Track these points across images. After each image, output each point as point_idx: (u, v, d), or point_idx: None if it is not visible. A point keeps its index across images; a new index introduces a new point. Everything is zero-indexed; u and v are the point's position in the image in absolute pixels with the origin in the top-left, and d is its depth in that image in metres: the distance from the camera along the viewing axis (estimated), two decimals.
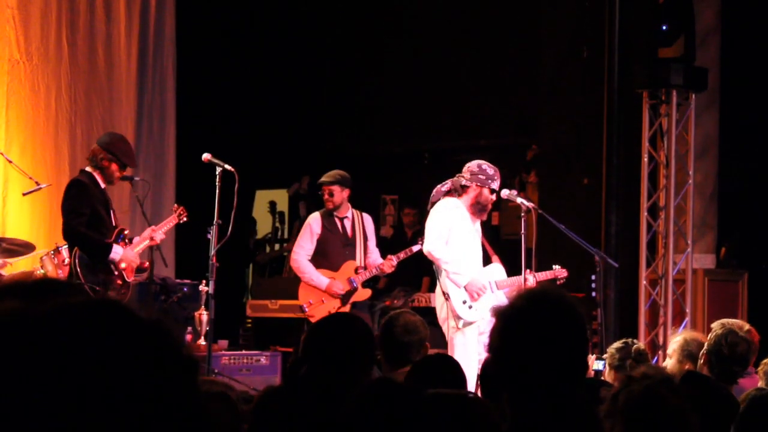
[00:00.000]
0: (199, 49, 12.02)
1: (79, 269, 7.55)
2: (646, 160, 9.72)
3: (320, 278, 8.56)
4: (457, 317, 7.69)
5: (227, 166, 7.89)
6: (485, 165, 7.87)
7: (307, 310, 8.53)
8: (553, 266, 8.03)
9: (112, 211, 7.85)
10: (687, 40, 9.47)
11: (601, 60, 10.19)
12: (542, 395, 2.61)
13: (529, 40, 11.66)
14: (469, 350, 7.63)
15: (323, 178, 8.74)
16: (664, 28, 9.46)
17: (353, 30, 13.33)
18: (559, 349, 2.61)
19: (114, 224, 7.82)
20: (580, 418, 2.64)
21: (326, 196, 8.67)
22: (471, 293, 7.73)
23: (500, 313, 2.70)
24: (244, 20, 12.94)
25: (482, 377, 4.68)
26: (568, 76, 11.01)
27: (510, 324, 2.66)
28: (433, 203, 7.89)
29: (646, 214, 9.72)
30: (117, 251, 7.64)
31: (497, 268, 8.03)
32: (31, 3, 10.09)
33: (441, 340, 9.85)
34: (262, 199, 13.88)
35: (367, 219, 8.87)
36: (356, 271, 8.65)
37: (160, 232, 7.97)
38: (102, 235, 7.67)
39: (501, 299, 7.82)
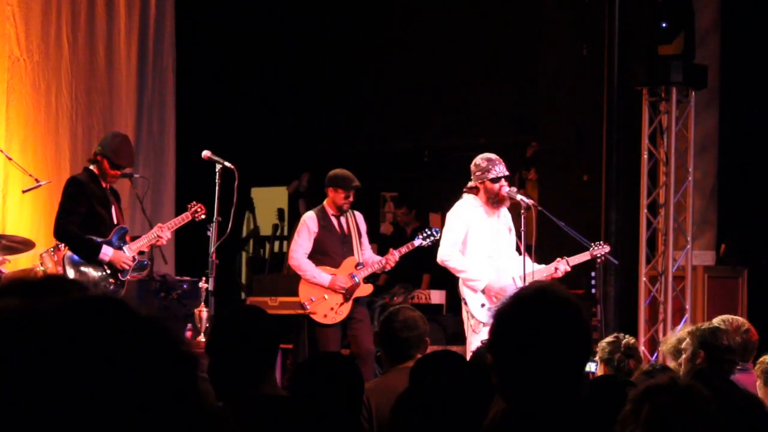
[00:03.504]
0: (199, 47, 12.01)
1: (66, 268, 7.53)
2: (645, 157, 9.72)
3: (322, 275, 8.54)
4: (476, 320, 7.65)
5: (227, 164, 7.88)
6: (479, 159, 7.85)
7: (308, 307, 8.53)
8: (593, 243, 7.99)
9: (114, 209, 7.80)
10: (687, 37, 9.47)
11: (600, 57, 10.19)
12: (534, 394, 2.61)
13: (528, 37, 11.66)
14: None
15: (356, 183, 8.61)
16: (663, 25, 9.46)
17: (353, 28, 13.33)
18: (554, 348, 2.60)
19: (115, 222, 7.79)
20: (573, 418, 2.64)
21: (351, 198, 8.59)
22: (489, 297, 7.69)
23: (496, 312, 2.71)
24: (244, 18, 12.93)
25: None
26: (568, 73, 11.02)
27: (503, 322, 2.66)
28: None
29: (645, 211, 9.72)
30: (106, 252, 7.58)
31: (525, 261, 7.96)
32: (32, 0, 10.09)
33: (440, 336, 9.89)
34: (261, 196, 13.88)
35: (359, 216, 8.84)
36: (357, 266, 8.64)
37: (168, 230, 7.91)
38: (100, 233, 7.64)
39: None
